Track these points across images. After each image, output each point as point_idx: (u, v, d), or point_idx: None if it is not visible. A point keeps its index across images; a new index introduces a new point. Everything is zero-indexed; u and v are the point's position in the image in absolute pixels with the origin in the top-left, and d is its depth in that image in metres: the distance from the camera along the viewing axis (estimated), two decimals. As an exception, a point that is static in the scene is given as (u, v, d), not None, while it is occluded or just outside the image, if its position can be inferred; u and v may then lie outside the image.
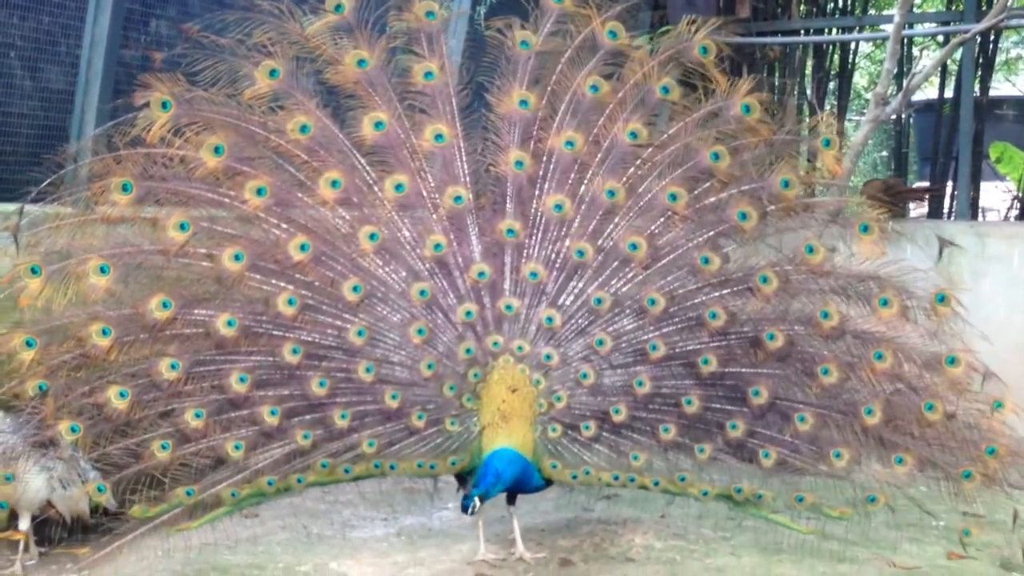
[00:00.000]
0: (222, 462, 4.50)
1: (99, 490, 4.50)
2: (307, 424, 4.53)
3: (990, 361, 4.64)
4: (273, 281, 4.50)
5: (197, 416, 4.43)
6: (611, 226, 4.70)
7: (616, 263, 4.69)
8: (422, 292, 4.60)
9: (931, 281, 4.68)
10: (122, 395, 4.35)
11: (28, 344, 4.31)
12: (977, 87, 10.15)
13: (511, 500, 4.77)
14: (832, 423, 4.64)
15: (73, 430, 4.34)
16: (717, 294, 4.68)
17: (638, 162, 4.73)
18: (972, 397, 4.59)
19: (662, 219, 4.72)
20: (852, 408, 4.62)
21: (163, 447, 4.41)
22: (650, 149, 4.74)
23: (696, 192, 4.74)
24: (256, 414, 4.49)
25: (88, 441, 4.40)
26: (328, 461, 4.58)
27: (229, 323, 4.41)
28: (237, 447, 4.47)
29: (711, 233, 4.72)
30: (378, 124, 4.58)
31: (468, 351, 4.64)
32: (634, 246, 4.66)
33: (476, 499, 4.29)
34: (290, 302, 4.46)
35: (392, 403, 4.56)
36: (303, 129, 4.52)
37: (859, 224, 4.73)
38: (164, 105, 4.41)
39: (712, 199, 4.75)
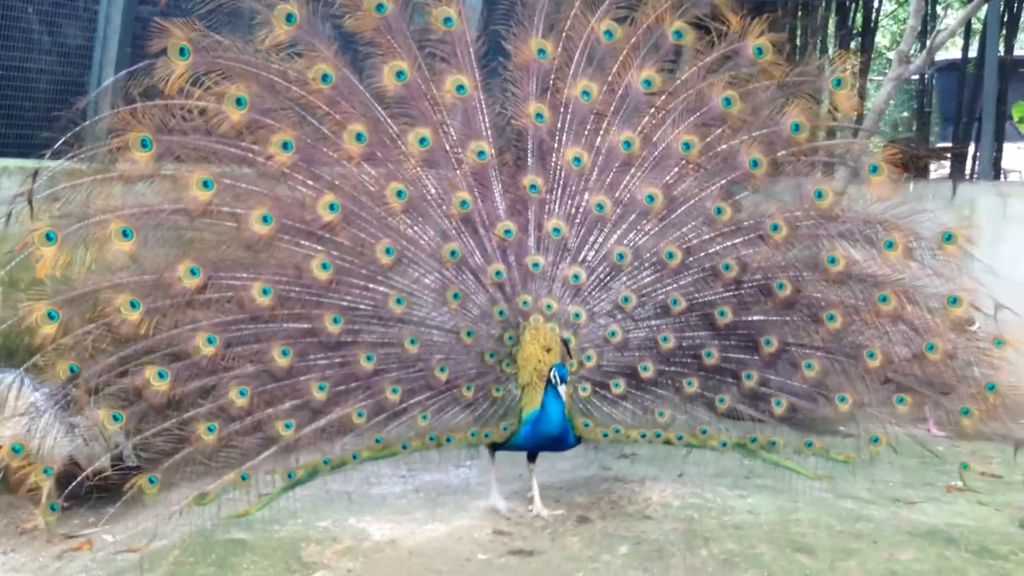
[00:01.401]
0: (271, 441, 4.35)
1: (151, 481, 4.24)
2: (358, 400, 4.43)
3: (1012, 327, 4.68)
4: (304, 243, 4.35)
5: (242, 394, 4.26)
6: (628, 178, 4.66)
7: (634, 216, 4.67)
8: (453, 252, 4.51)
9: (939, 221, 4.68)
10: (161, 376, 4.17)
11: (50, 316, 4.07)
12: (1001, 46, 10.01)
13: (532, 458, 4.76)
14: (837, 367, 4.71)
15: (115, 418, 4.15)
16: (730, 243, 4.69)
17: (652, 111, 4.68)
18: (973, 336, 4.68)
19: (676, 169, 4.69)
20: (856, 351, 4.69)
21: (209, 429, 4.23)
22: (663, 97, 4.68)
23: (708, 139, 4.70)
24: (303, 390, 4.36)
25: (131, 428, 4.22)
26: (381, 436, 4.50)
27: (264, 291, 4.26)
28: (288, 426, 4.34)
29: (723, 181, 4.70)
30: (400, 74, 4.43)
31: (501, 313, 4.58)
32: (651, 198, 4.63)
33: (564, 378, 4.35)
34: (324, 266, 4.32)
35: (441, 376, 4.50)
36: (325, 78, 4.35)
37: (868, 164, 4.71)
38: (182, 52, 4.17)
39: (724, 146, 4.71)
